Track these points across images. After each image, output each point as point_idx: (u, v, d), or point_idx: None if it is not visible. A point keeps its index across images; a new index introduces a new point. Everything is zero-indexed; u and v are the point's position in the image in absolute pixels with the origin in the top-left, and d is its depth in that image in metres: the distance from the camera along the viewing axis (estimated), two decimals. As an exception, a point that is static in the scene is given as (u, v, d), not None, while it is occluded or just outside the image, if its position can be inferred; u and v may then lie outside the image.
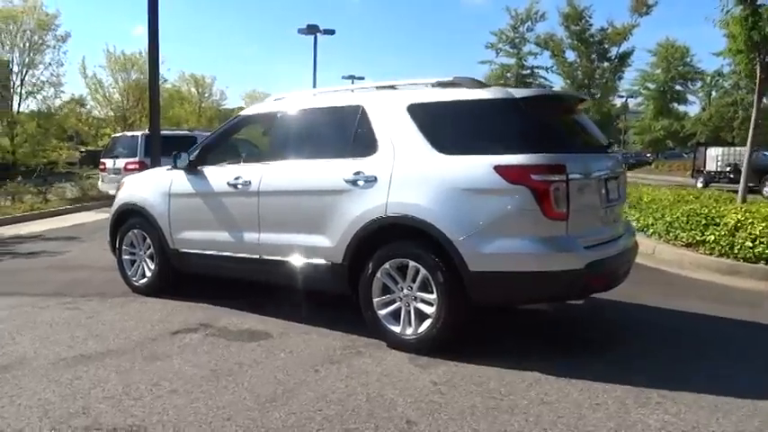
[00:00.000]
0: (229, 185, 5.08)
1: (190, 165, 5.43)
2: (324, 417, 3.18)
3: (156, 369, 3.86)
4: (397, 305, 4.26)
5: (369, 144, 4.43)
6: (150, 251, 5.76)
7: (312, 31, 27.55)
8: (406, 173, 4.19)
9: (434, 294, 4.05)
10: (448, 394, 3.48)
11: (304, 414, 3.21)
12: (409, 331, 4.18)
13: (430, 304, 4.09)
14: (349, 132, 4.61)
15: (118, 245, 6.03)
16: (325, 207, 4.49)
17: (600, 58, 32.07)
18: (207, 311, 5.19)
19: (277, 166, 4.94)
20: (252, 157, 6.16)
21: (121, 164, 14.66)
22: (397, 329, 4.22)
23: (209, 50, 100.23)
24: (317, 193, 4.57)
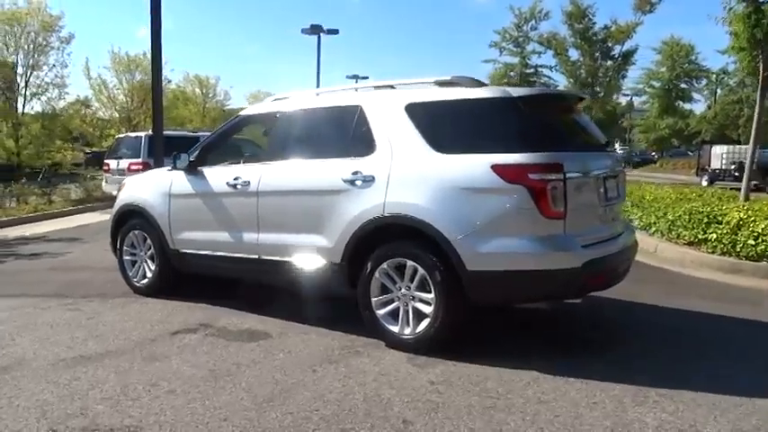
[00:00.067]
0: (229, 186, 5.09)
1: (190, 165, 5.45)
2: (320, 417, 3.19)
3: (155, 369, 3.87)
4: (395, 305, 4.26)
5: (367, 144, 4.43)
6: (151, 252, 5.77)
7: (316, 31, 27.58)
8: (403, 172, 4.19)
9: (432, 294, 4.04)
10: (445, 393, 3.48)
11: (301, 414, 3.22)
12: (407, 331, 4.18)
13: (428, 304, 4.08)
14: (347, 132, 4.62)
15: (119, 245, 6.05)
16: (324, 207, 4.49)
17: (603, 56, 31.94)
18: (207, 312, 5.20)
19: (276, 166, 4.94)
20: (251, 158, 6.17)
21: (125, 165, 14.69)
22: (396, 329, 4.22)
23: (212, 51, 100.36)
24: (315, 193, 4.58)
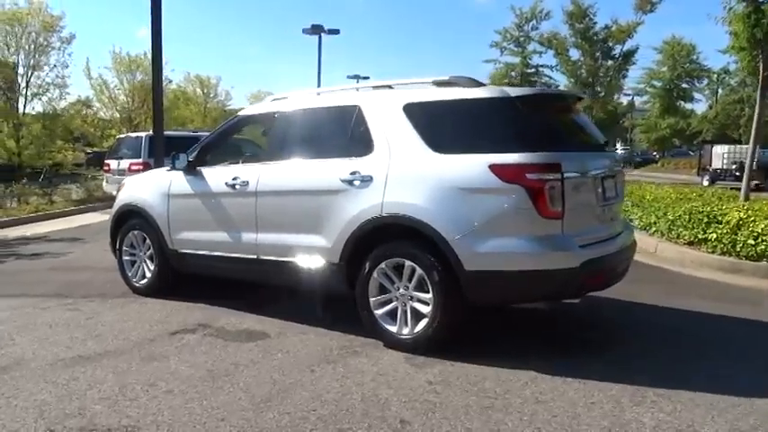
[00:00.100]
0: (227, 186, 5.09)
1: (188, 165, 5.45)
2: (318, 416, 3.19)
3: (153, 370, 3.87)
4: (393, 305, 4.26)
5: (365, 144, 4.43)
6: (150, 252, 5.78)
7: (317, 31, 27.57)
8: (401, 172, 4.19)
9: (430, 294, 4.04)
10: (443, 393, 3.48)
11: (298, 414, 3.22)
12: (405, 331, 4.18)
13: (426, 304, 4.08)
14: (346, 132, 4.62)
15: (118, 246, 6.05)
16: (322, 207, 4.49)
17: (604, 56, 31.89)
18: (206, 312, 5.21)
19: (274, 166, 4.94)
20: (250, 158, 6.17)
21: (126, 165, 14.71)
22: (394, 329, 4.22)
23: (213, 51, 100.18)
24: (313, 193, 4.58)
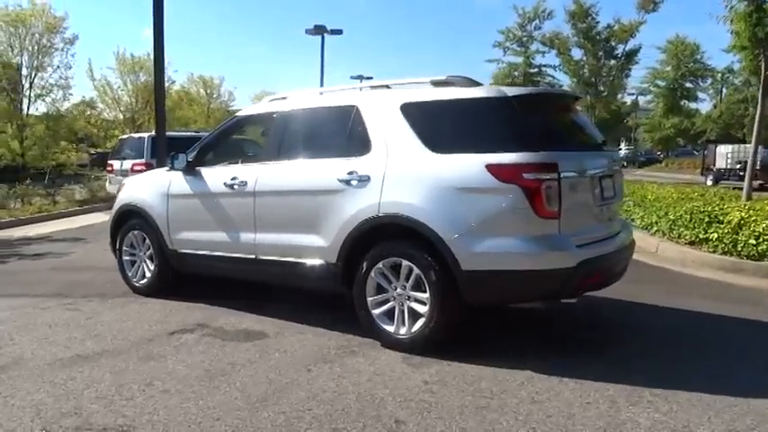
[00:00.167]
0: (226, 186, 5.10)
1: (188, 165, 5.46)
2: (313, 416, 3.19)
3: (150, 369, 3.88)
4: (390, 304, 4.26)
5: (362, 144, 4.43)
6: (150, 252, 5.79)
7: (319, 31, 27.56)
8: (398, 172, 4.19)
9: (427, 294, 4.04)
10: (438, 393, 3.48)
11: (293, 413, 3.22)
12: (403, 331, 4.18)
13: (423, 303, 4.08)
14: (343, 132, 4.62)
15: (118, 246, 6.07)
16: (320, 207, 4.49)
17: (606, 55, 31.71)
18: (205, 311, 5.22)
19: (273, 166, 4.95)
20: (249, 158, 6.17)
21: (128, 165, 14.75)
22: (391, 329, 4.22)
23: (216, 52, 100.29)
24: (311, 193, 4.58)
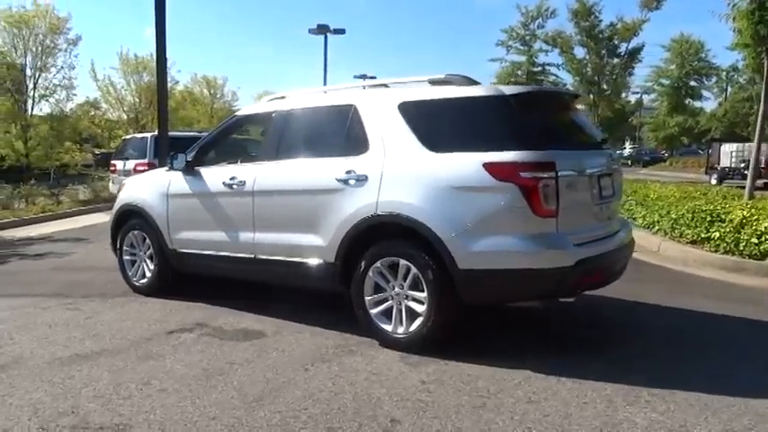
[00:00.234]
0: (225, 186, 5.11)
1: (187, 165, 5.47)
2: (309, 415, 3.19)
3: (148, 368, 3.89)
4: (388, 304, 4.25)
5: (360, 143, 4.43)
6: (150, 251, 5.81)
7: (322, 31, 27.56)
8: (396, 171, 4.19)
9: (425, 293, 4.04)
10: (435, 393, 3.47)
11: (289, 413, 3.22)
12: (400, 330, 4.18)
13: (421, 303, 4.08)
14: (342, 131, 4.62)
15: (119, 245, 6.09)
16: (318, 206, 4.49)
17: (609, 54, 31.72)
18: (205, 311, 5.23)
19: (271, 165, 4.95)
20: (248, 157, 6.17)
21: (131, 165, 14.78)
22: (389, 328, 4.22)
23: (219, 52, 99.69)
24: (309, 193, 4.58)
